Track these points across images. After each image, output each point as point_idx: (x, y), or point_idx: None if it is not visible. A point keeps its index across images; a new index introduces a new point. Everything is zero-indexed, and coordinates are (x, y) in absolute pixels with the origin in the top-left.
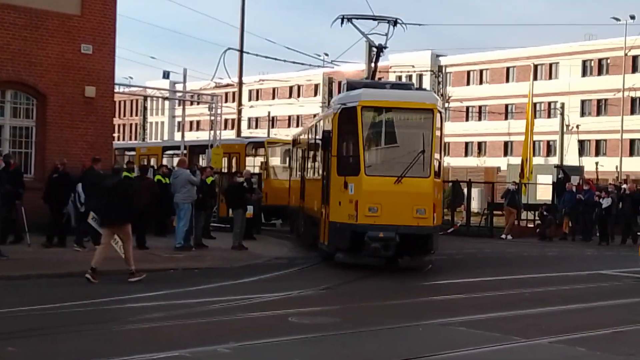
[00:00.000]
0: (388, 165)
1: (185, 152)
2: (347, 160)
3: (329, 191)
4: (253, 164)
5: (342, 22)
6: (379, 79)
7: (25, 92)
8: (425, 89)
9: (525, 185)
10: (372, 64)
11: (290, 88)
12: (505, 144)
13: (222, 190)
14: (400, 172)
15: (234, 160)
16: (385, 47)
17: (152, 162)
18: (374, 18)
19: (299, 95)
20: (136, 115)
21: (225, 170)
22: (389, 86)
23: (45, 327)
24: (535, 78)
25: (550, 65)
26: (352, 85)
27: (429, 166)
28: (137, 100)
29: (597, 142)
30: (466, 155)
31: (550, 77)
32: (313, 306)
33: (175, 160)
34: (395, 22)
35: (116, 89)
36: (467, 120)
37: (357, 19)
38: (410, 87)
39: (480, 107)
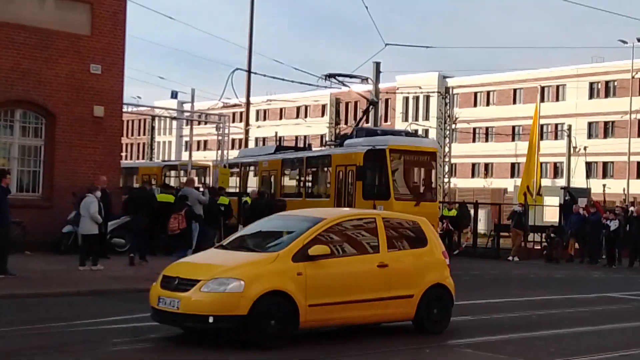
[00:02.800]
0: (408, 192)
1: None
2: (375, 187)
3: None
4: (170, 183)
5: (326, 78)
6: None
7: (34, 112)
8: (427, 137)
9: (532, 207)
10: (364, 116)
11: (298, 108)
12: (512, 165)
13: (243, 208)
14: (417, 198)
15: (152, 181)
16: (376, 102)
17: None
18: (350, 76)
19: (306, 116)
20: (144, 134)
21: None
22: (404, 134)
23: (50, 346)
24: (542, 100)
25: (558, 87)
26: (369, 132)
27: (435, 193)
28: (145, 120)
29: (605, 164)
30: (473, 176)
31: (557, 99)
32: None
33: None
34: (366, 79)
35: (124, 109)
36: (474, 141)
37: (339, 76)
38: (418, 135)
39: (487, 128)
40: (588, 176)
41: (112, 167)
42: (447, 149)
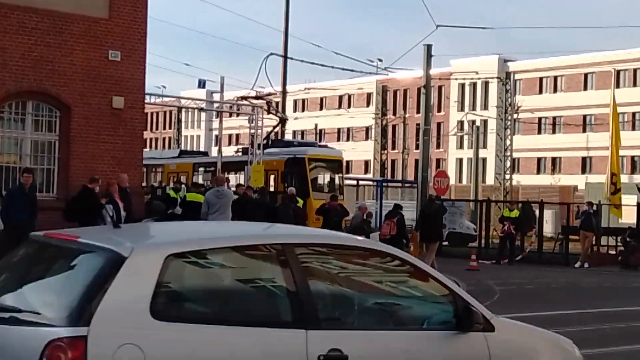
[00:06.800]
0: (322, 191)
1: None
2: (296, 189)
3: None
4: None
5: (237, 99)
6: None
7: (47, 103)
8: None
9: (617, 207)
10: (273, 135)
11: (340, 97)
12: (584, 159)
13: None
14: (329, 195)
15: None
16: (286, 119)
17: None
18: (258, 97)
19: (349, 106)
20: (170, 128)
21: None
22: (317, 145)
23: None
24: (617, 85)
25: (635, 70)
26: (286, 143)
27: (342, 192)
28: (170, 112)
29: None
30: (538, 172)
31: (635, 84)
32: None
33: None
34: (269, 102)
35: (147, 100)
36: (539, 133)
37: (251, 98)
38: (327, 146)
39: (554, 118)
40: None
41: (134, 164)
42: (508, 142)
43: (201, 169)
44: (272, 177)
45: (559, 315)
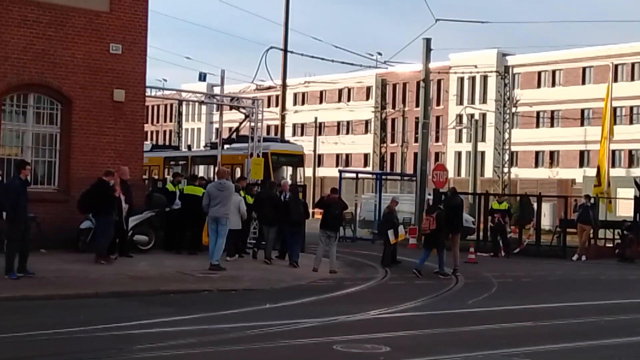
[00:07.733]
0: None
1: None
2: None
3: None
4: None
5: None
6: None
7: (49, 96)
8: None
9: (610, 201)
10: (240, 125)
11: (340, 91)
12: (581, 153)
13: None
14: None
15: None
16: (252, 114)
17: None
18: (233, 96)
19: (349, 99)
20: (170, 121)
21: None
22: (280, 140)
23: (68, 352)
24: (615, 79)
25: (633, 65)
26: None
27: (302, 184)
28: (171, 105)
29: None
30: (536, 166)
31: (632, 79)
32: (361, 333)
33: None
34: (237, 99)
35: (148, 93)
36: (537, 126)
37: (225, 95)
38: (289, 141)
39: (552, 112)
40: None
41: (134, 157)
42: (506, 136)
43: (172, 162)
44: (237, 170)
45: (556, 307)
